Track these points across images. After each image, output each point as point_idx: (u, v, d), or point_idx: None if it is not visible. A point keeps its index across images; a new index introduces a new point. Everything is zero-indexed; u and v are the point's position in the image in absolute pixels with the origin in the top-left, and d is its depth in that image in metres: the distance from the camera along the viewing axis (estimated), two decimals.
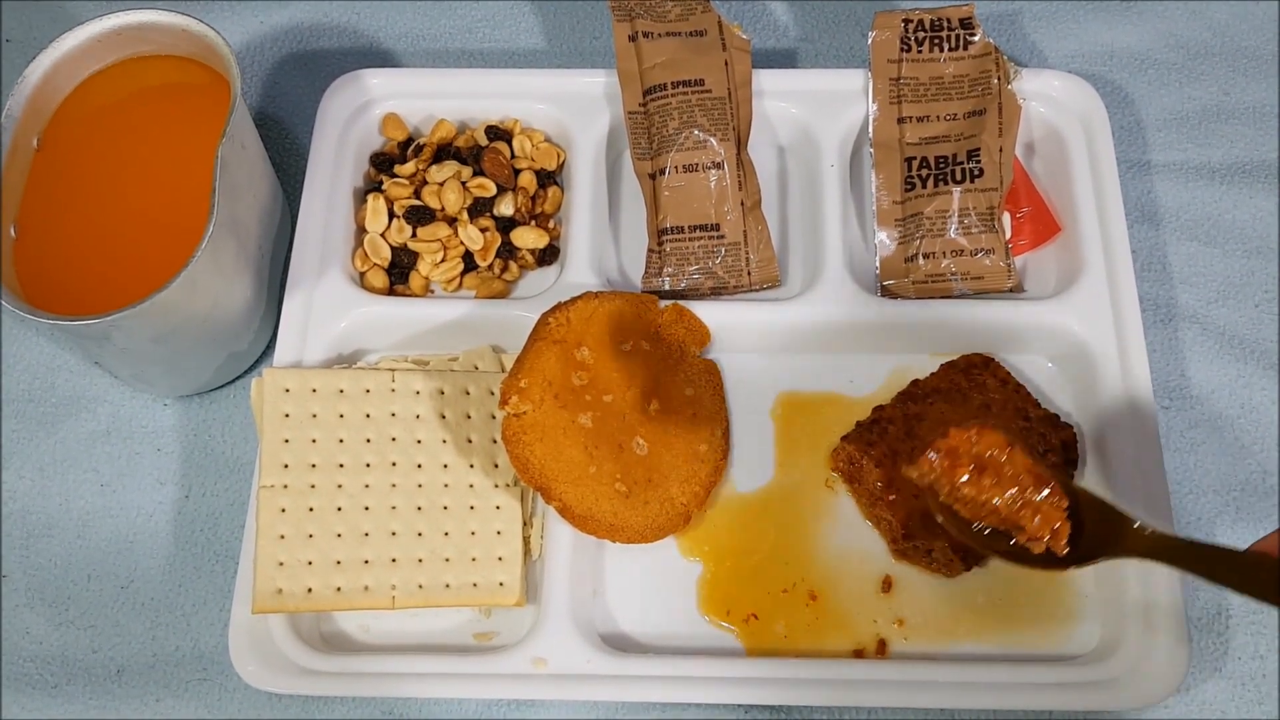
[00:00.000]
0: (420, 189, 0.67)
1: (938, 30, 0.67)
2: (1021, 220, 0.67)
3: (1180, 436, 0.64)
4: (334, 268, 0.65)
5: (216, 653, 0.60)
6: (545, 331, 0.59)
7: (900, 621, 0.59)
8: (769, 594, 0.59)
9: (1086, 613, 0.58)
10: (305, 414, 0.59)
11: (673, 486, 0.59)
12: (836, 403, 0.64)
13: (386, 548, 0.58)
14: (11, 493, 0.64)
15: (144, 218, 0.60)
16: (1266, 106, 0.73)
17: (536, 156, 0.69)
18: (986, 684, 0.55)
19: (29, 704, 0.59)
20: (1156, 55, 0.75)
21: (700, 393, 0.62)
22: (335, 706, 0.58)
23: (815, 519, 0.61)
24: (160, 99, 0.63)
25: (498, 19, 0.78)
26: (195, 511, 0.63)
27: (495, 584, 0.58)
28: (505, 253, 0.66)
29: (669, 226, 0.65)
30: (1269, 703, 0.58)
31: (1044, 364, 0.65)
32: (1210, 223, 0.69)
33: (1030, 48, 0.75)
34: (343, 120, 0.69)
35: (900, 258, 0.66)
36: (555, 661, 0.56)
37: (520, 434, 0.56)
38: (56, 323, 0.54)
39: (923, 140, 0.67)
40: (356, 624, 0.59)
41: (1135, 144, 0.72)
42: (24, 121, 0.60)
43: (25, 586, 0.62)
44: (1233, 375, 0.65)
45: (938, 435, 0.52)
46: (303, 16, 0.78)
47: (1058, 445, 0.60)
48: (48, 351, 0.68)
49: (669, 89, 0.66)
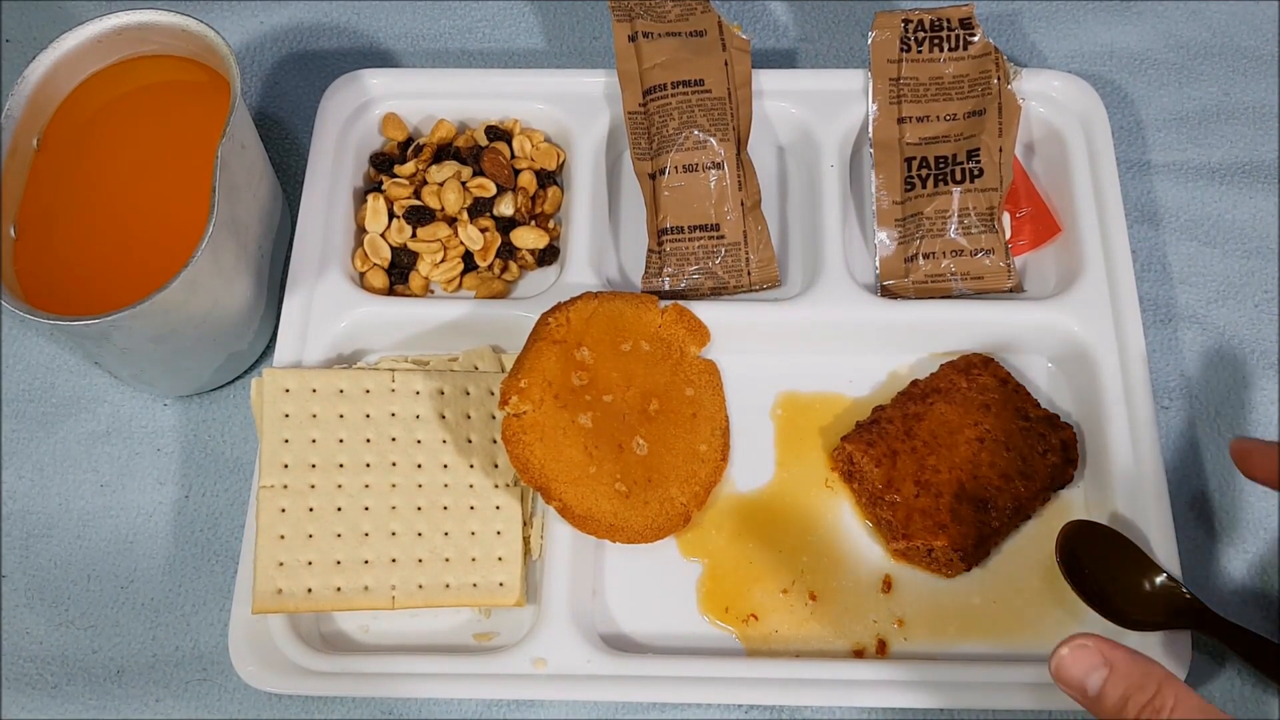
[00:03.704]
0: (420, 189, 0.67)
1: (937, 30, 0.67)
2: (1021, 220, 0.67)
3: (1180, 436, 0.64)
4: (334, 268, 0.65)
5: (216, 653, 0.60)
6: (545, 331, 0.59)
7: (900, 621, 0.59)
8: (769, 594, 0.59)
9: (1086, 613, 0.57)
10: (305, 414, 0.59)
11: (673, 486, 0.59)
12: (836, 403, 0.64)
13: (386, 548, 0.58)
14: (11, 493, 0.64)
15: (144, 218, 0.60)
16: (1266, 106, 0.73)
17: (536, 156, 0.69)
18: (986, 684, 0.55)
19: (29, 704, 0.59)
20: (1156, 55, 0.75)
21: (700, 393, 0.62)
22: (335, 706, 0.58)
23: (815, 519, 0.61)
24: (160, 99, 0.63)
25: (498, 19, 0.78)
26: (195, 511, 0.63)
27: (495, 584, 0.58)
28: (505, 253, 0.66)
29: (669, 226, 0.65)
30: (1269, 702, 0.58)
31: (1044, 364, 0.65)
32: (1210, 223, 0.69)
33: (1030, 48, 0.75)
34: (343, 120, 0.69)
35: (900, 258, 0.66)
36: (555, 662, 0.56)
37: (520, 434, 0.56)
38: (56, 323, 0.54)
39: (923, 140, 0.67)
40: (356, 624, 0.59)
41: (1135, 144, 0.72)
42: (24, 121, 0.60)
43: (25, 586, 0.62)
44: (1233, 375, 0.65)
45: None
46: (303, 16, 0.78)
47: (1057, 445, 0.60)
48: (48, 351, 0.68)
49: (669, 89, 0.66)
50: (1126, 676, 0.45)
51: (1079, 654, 0.46)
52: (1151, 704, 0.44)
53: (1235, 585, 0.60)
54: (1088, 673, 0.46)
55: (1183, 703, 0.44)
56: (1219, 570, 0.60)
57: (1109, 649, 0.46)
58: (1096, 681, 0.45)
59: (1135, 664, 0.45)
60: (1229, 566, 0.61)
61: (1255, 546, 0.61)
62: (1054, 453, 0.60)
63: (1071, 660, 0.46)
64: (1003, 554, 0.60)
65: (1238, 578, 0.60)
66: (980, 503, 0.58)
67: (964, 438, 0.59)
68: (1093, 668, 0.45)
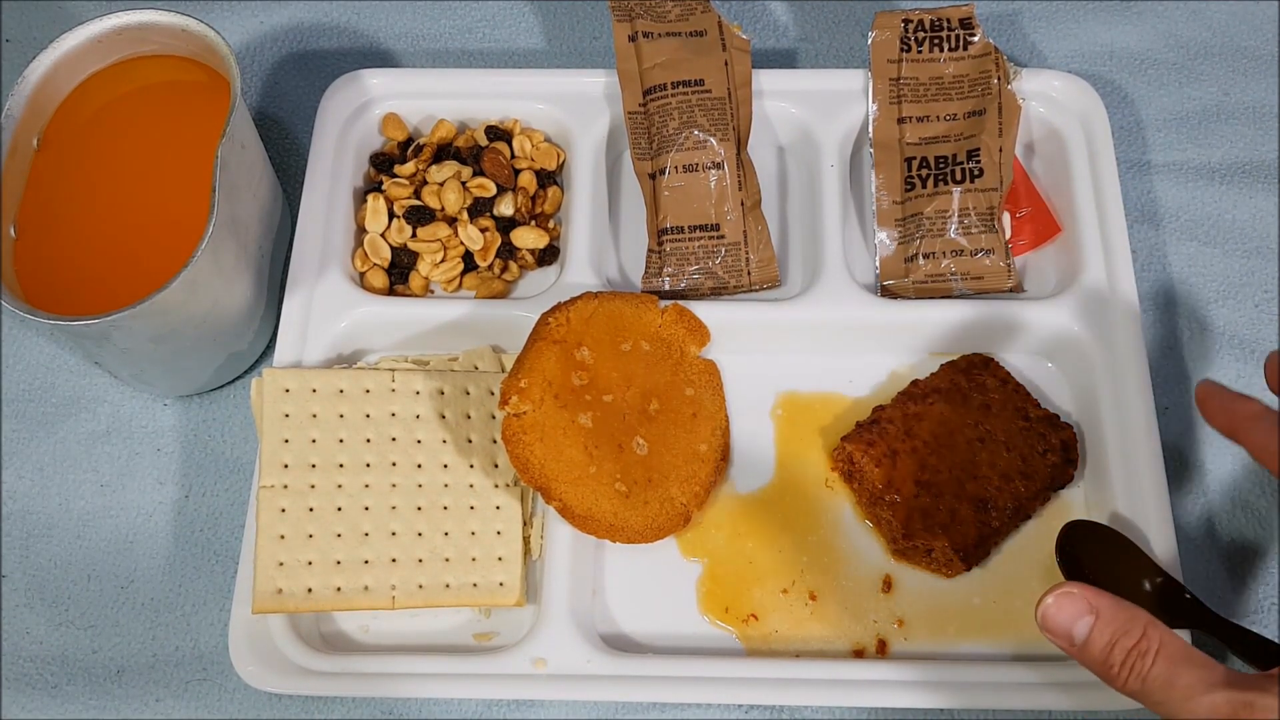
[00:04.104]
0: (420, 189, 0.67)
1: (938, 30, 0.67)
2: (1021, 220, 0.67)
3: (1180, 437, 0.64)
4: (334, 268, 0.65)
5: (216, 653, 0.60)
6: (545, 331, 0.59)
7: (900, 621, 0.59)
8: (769, 594, 0.59)
9: None
10: (305, 414, 0.59)
11: (673, 486, 0.59)
12: (836, 403, 0.64)
13: (386, 548, 0.58)
14: (11, 493, 0.64)
15: (144, 218, 0.60)
16: (1266, 106, 0.73)
17: (536, 156, 0.69)
18: (986, 684, 0.55)
19: (29, 704, 0.59)
20: (1156, 55, 0.75)
21: (700, 393, 0.62)
22: (335, 706, 0.58)
23: (815, 519, 0.61)
24: (160, 99, 0.63)
25: (498, 19, 0.78)
26: (195, 511, 0.63)
27: (495, 584, 0.58)
28: (505, 253, 0.66)
29: (669, 226, 0.65)
30: None
31: (1044, 364, 0.65)
32: (1210, 223, 0.69)
33: (1030, 48, 0.75)
34: (343, 120, 0.69)
35: (900, 258, 0.66)
36: (555, 661, 0.56)
37: (520, 434, 0.56)
38: (56, 323, 0.54)
39: (923, 140, 0.67)
40: (356, 624, 0.59)
41: (1135, 144, 0.72)
42: (24, 121, 0.60)
43: (25, 586, 0.62)
44: (1233, 375, 0.65)
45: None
46: (303, 16, 0.78)
47: (1057, 445, 0.60)
48: (48, 351, 0.68)
49: (669, 89, 0.66)
50: (1111, 622, 0.45)
51: (1065, 601, 0.46)
52: (1137, 647, 0.44)
53: (1235, 585, 0.60)
54: (1074, 620, 0.46)
55: (1167, 645, 0.44)
56: (1219, 570, 0.60)
57: (1094, 595, 0.46)
58: (1083, 629, 0.45)
59: (1120, 609, 0.45)
60: (1229, 566, 0.61)
61: (1255, 546, 0.61)
62: (1054, 453, 0.60)
63: (1057, 608, 0.46)
64: (1003, 554, 0.60)
65: (1238, 578, 0.60)
66: (980, 503, 0.58)
67: (964, 438, 0.59)
68: (1079, 614, 0.46)
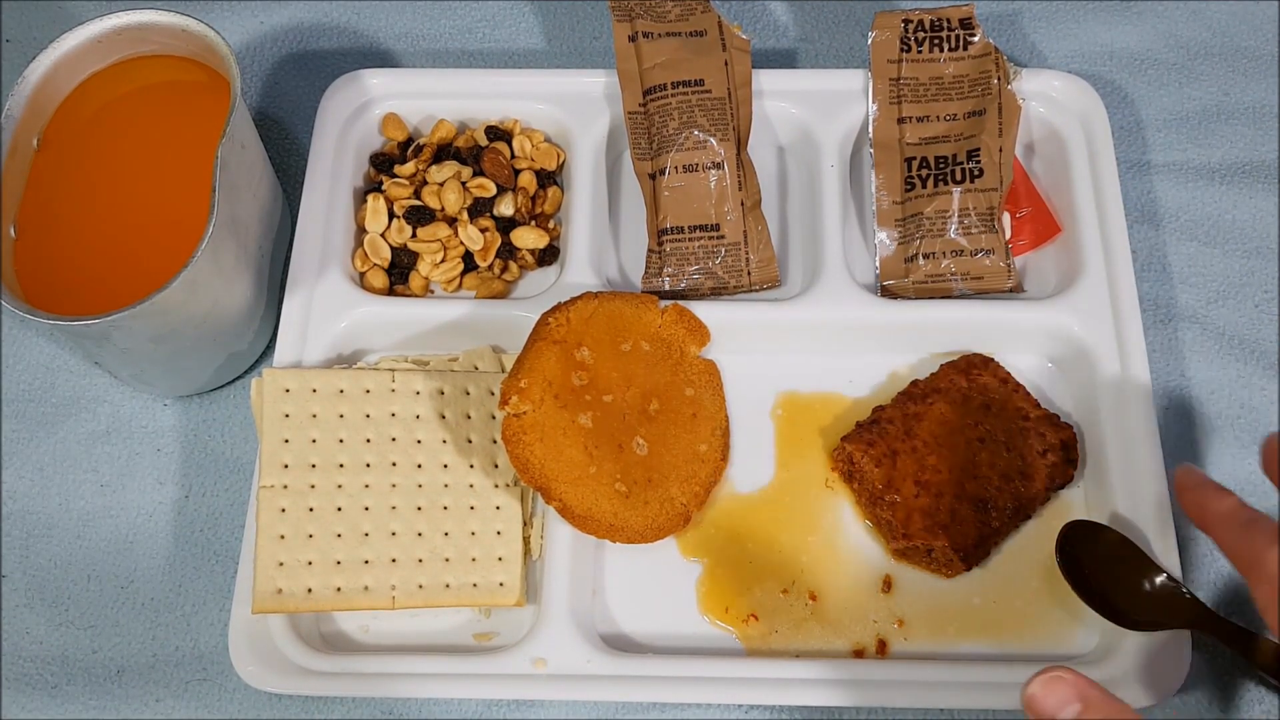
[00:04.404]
0: (420, 189, 0.67)
1: (937, 30, 0.67)
2: (1021, 220, 0.67)
3: (1180, 437, 0.64)
4: (334, 268, 0.65)
5: (216, 653, 0.60)
6: (545, 331, 0.59)
7: (900, 621, 0.59)
8: (769, 594, 0.59)
9: (1086, 613, 0.57)
10: (305, 414, 0.59)
11: (673, 486, 0.59)
12: (836, 403, 0.64)
13: (386, 548, 0.58)
14: (11, 493, 0.64)
15: (144, 218, 0.60)
16: (1266, 106, 0.73)
17: (536, 156, 0.69)
18: (986, 684, 0.55)
19: (29, 704, 0.59)
20: (1156, 55, 0.75)
21: (700, 393, 0.62)
22: (335, 706, 0.58)
23: (815, 519, 0.61)
24: (160, 99, 0.63)
25: (498, 19, 0.78)
26: (195, 511, 0.63)
27: (495, 584, 0.58)
28: (505, 253, 0.66)
29: (669, 226, 0.65)
30: (1268, 701, 0.58)
31: (1044, 364, 0.65)
32: (1210, 223, 0.69)
33: (1030, 48, 0.75)
34: (343, 120, 0.69)
35: (900, 258, 0.66)
36: (555, 662, 0.56)
37: (520, 434, 0.56)
38: (56, 323, 0.54)
39: (923, 140, 0.67)
40: (356, 624, 0.59)
41: (1135, 144, 0.72)
42: (24, 121, 0.60)
43: (25, 586, 0.62)
44: (1233, 375, 0.65)
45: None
46: (303, 16, 0.78)
47: (1057, 445, 0.60)
48: (48, 351, 0.68)
49: (669, 89, 0.66)
50: (1098, 712, 0.44)
51: (1053, 685, 0.45)
52: None
53: (1235, 585, 0.60)
54: (1060, 707, 0.44)
55: None
56: (1219, 570, 0.60)
57: (1085, 685, 0.44)
58: (1069, 715, 0.44)
59: (1109, 702, 0.44)
60: (1229, 567, 0.61)
61: None
62: (1054, 453, 0.60)
63: (1045, 693, 0.45)
64: (1003, 554, 0.60)
65: (1237, 578, 0.60)
66: (980, 503, 0.58)
67: (964, 438, 0.60)
68: (1066, 701, 0.44)
